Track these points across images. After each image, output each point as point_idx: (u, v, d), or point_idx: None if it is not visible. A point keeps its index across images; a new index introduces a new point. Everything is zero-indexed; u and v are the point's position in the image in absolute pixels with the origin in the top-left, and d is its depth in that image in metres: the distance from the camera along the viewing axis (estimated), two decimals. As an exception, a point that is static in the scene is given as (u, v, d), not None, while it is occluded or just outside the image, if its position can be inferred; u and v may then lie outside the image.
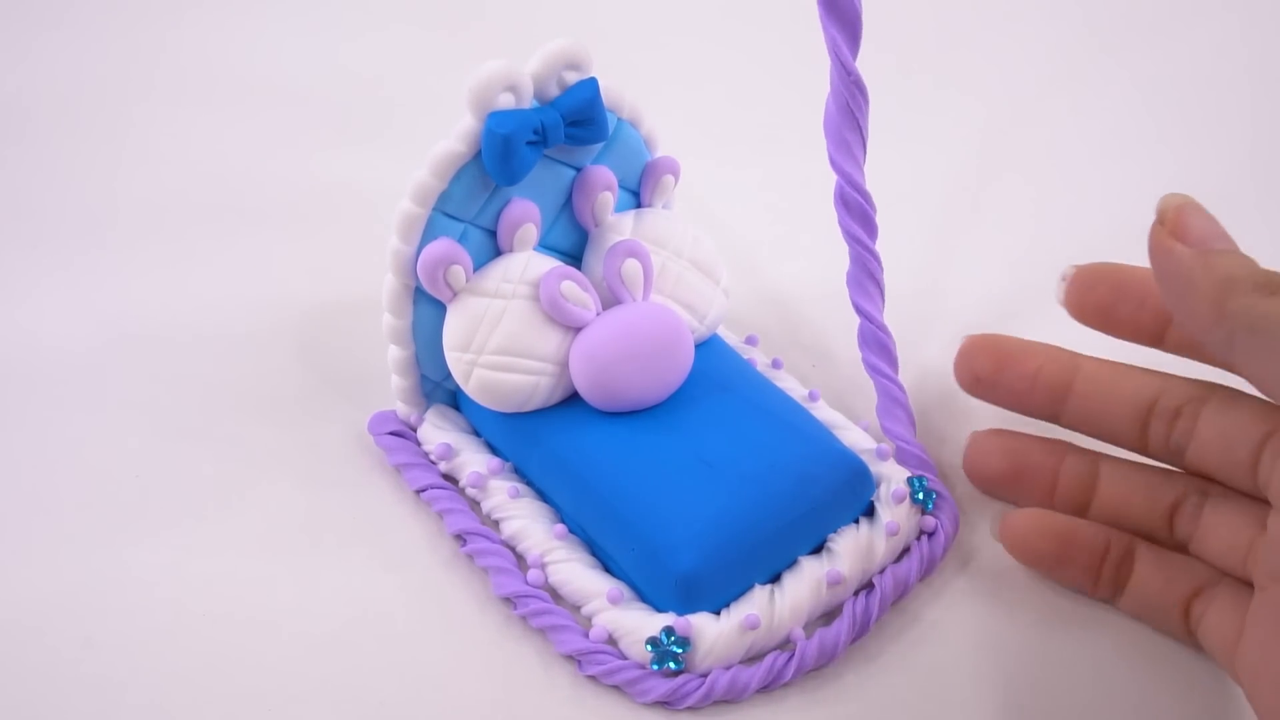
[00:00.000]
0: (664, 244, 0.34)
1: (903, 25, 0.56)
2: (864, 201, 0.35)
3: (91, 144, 0.49)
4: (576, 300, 0.32)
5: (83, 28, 0.55)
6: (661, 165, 0.35)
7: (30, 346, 0.39)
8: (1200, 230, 0.28)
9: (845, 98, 0.33)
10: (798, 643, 0.30)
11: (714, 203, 0.40)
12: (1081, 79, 0.53)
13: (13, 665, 0.30)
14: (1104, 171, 0.48)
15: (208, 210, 0.45)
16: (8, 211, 0.45)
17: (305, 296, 0.41)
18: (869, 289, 0.36)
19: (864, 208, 0.35)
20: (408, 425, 0.35)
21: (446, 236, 0.31)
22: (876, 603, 0.31)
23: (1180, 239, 0.28)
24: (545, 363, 0.32)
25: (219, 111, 0.51)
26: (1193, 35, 0.55)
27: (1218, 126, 0.50)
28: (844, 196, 0.35)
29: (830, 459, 0.32)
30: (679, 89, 0.50)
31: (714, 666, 0.29)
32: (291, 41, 0.55)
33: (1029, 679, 0.30)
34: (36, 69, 0.52)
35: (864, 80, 0.33)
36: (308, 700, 0.29)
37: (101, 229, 0.44)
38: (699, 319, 0.35)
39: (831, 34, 0.32)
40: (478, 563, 0.32)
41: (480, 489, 0.33)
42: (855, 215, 0.35)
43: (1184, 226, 0.28)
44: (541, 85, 0.31)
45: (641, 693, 0.29)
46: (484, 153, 0.30)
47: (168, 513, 0.34)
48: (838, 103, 0.33)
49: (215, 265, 0.43)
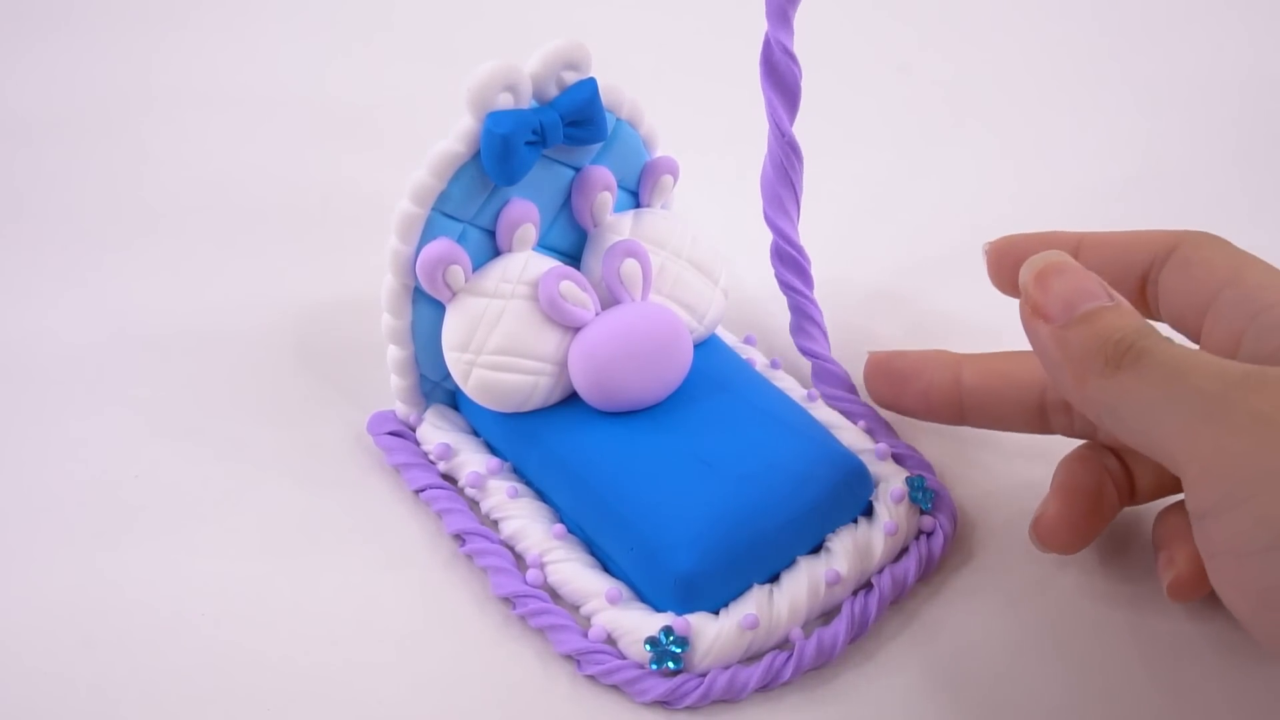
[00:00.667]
0: (663, 244, 0.34)
1: (903, 25, 0.56)
2: (798, 256, 0.37)
3: (93, 146, 0.49)
4: (575, 300, 0.32)
5: (86, 32, 0.55)
6: (660, 165, 0.35)
7: (30, 346, 0.39)
8: (1064, 294, 0.27)
9: (780, 158, 0.35)
10: (796, 642, 0.30)
11: (713, 202, 0.40)
12: (1080, 78, 0.53)
13: (13, 665, 0.30)
14: (1105, 172, 0.48)
15: (208, 211, 0.45)
16: (10, 213, 0.45)
17: (305, 296, 0.41)
18: (811, 332, 0.37)
19: (799, 262, 0.37)
20: (407, 425, 0.35)
21: (445, 236, 0.31)
22: (875, 602, 0.31)
23: (1042, 310, 0.28)
24: (544, 363, 0.32)
25: (220, 113, 0.51)
26: (1193, 35, 0.55)
27: (1218, 126, 0.50)
28: (779, 252, 0.37)
29: (829, 459, 0.32)
30: (678, 89, 0.50)
31: (712, 666, 0.29)
32: (291, 43, 0.55)
33: (1028, 678, 0.30)
34: (40, 73, 0.52)
35: (798, 143, 0.35)
36: (307, 700, 0.29)
37: (102, 230, 0.44)
38: (698, 319, 0.35)
39: (770, 98, 0.34)
40: (477, 563, 0.32)
41: (479, 489, 0.33)
42: (790, 268, 0.37)
43: (1046, 294, 0.28)
44: (540, 85, 0.31)
45: (640, 692, 0.29)
46: (483, 153, 0.30)
47: (167, 512, 0.34)
48: (773, 163, 0.35)
49: (215, 265, 0.43)
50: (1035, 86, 0.53)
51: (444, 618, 0.31)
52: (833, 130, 0.50)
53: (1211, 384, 0.25)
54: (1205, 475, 0.24)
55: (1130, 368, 0.26)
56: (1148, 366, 0.26)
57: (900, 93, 0.53)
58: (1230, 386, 0.24)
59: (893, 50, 0.55)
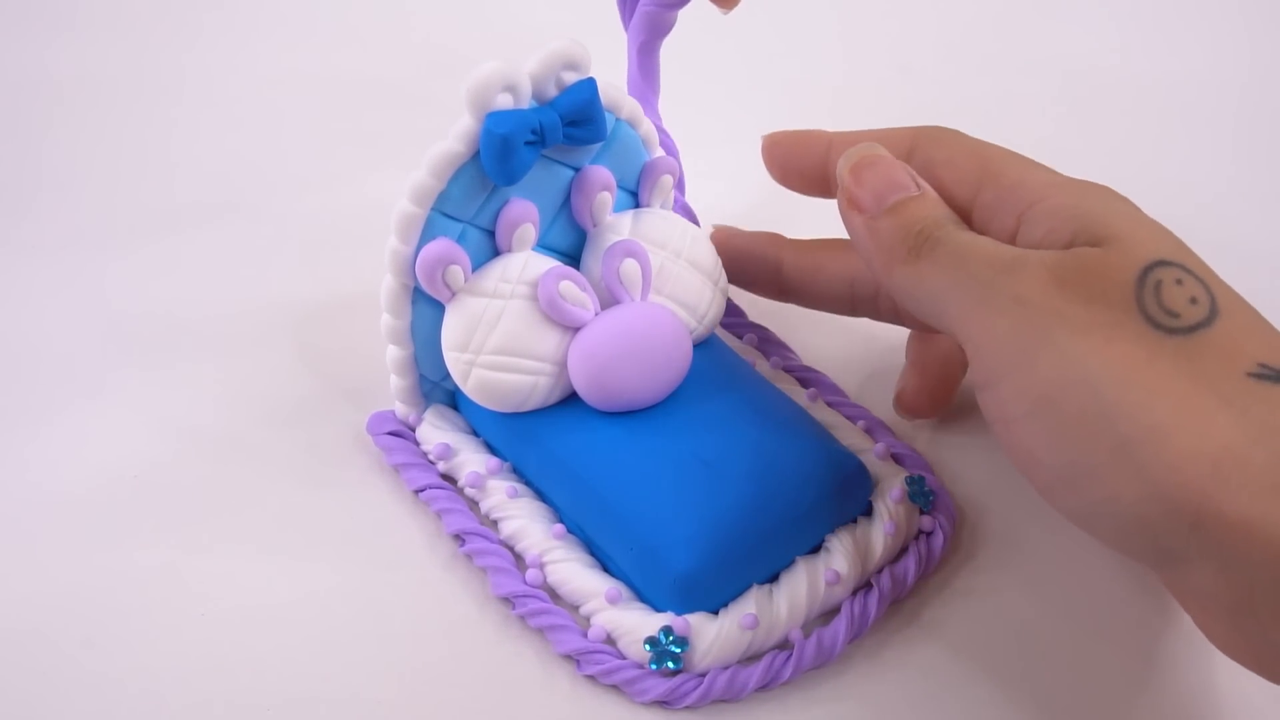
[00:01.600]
0: (662, 244, 0.34)
1: (900, 23, 0.56)
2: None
3: (92, 144, 0.49)
4: (575, 300, 0.32)
5: (84, 29, 0.55)
6: (660, 165, 0.35)
7: (30, 346, 0.39)
8: (875, 186, 0.30)
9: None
10: (796, 642, 0.30)
11: (713, 202, 0.40)
12: (1080, 78, 0.53)
13: (13, 665, 0.30)
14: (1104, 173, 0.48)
15: (207, 210, 0.45)
16: (9, 212, 0.45)
17: (304, 296, 0.41)
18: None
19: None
20: (406, 425, 0.35)
21: (445, 236, 0.31)
22: (875, 602, 0.31)
23: (856, 201, 0.30)
24: (544, 362, 0.32)
25: (219, 112, 0.51)
26: (1193, 35, 0.55)
27: (1219, 126, 0.50)
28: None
29: (828, 459, 0.32)
30: (678, 88, 0.50)
31: (712, 666, 0.29)
32: (291, 42, 0.55)
33: (1027, 678, 0.30)
34: (39, 70, 0.52)
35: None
36: (307, 700, 0.29)
37: (101, 229, 0.44)
38: (697, 319, 0.35)
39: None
40: (476, 562, 0.32)
41: (479, 489, 0.33)
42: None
43: (860, 186, 0.30)
44: (540, 85, 0.31)
45: (640, 692, 0.29)
46: (482, 153, 0.30)
47: (167, 512, 0.34)
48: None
49: (215, 265, 0.43)
50: (1035, 86, 0.53)
51: (444, 618, 0.31)
52: (832, 129, 0.50)
53: (984, 270, 0.27)
54: (978, 353, 0.27)
55: (927, 256, 0.28)
56: (940, 254, 0.28)
57: (900, 93, 0.53)
58: (998, 272, 0.27)
59: (893, 51, 0.55)
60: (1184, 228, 0.29)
